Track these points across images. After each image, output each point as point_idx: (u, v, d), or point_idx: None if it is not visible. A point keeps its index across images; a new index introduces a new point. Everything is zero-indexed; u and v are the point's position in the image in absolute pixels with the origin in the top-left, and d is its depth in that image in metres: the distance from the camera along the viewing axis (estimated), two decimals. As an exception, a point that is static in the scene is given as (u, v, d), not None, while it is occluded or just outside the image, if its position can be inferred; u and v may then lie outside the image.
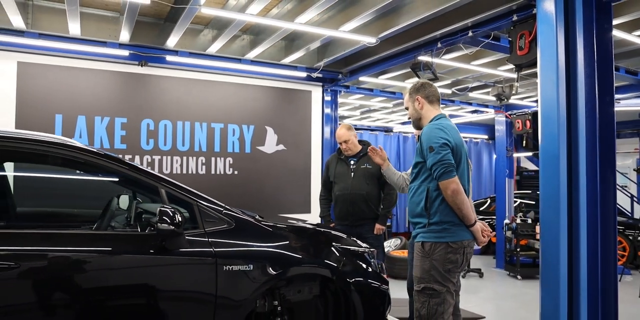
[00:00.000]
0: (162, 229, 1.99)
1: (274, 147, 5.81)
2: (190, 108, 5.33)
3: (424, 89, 2.47)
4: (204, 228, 2.25)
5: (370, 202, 3.79)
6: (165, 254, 2.12)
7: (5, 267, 1.80)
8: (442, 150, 2.23)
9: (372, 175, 3.80)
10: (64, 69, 4.75)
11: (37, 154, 2.10)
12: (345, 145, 3.87)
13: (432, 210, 2.28)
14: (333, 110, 6.28)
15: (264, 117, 5.75)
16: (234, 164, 5.55)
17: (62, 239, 2.03)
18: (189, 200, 2.28)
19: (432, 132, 2.31)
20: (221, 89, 5.51)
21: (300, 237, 2.67)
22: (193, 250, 2.18)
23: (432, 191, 2.28)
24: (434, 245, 2.26)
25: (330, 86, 6.09)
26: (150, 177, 2.25)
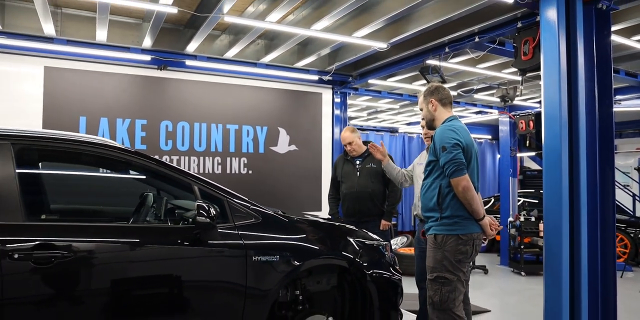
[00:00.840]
0: (200, 221, 2.17)
1: (287, 147, 5.99)
2: (206, 110, 5.52)
3: (437, 92, 2.63)
4: (233, 222, 2.42)
5: (376, 199, 3.96)
6: (200, 245, 2.29)
7: (59, 256, 1.98)
8: (454, 149, 2.39)
9: (376, 173, 3.96)
10: (87, 73, 4.95)
11: (85, 154, 2.29)
12: (349, 146, 4.05)
13: (444, 205, 2.43)
14: (342, 112, 6.46)
15: (277, 118, 5.94)
16: (248, 164, 5.74)
17: (108, 231, 2.22)
18: (219, 196, 2.46)
19: (445, 133, 2.46)
20: (236, 92, 5.70)
21: (319, 230, 2.84)
22: (225, 242, 2.35)
23: (444, 188, 2.44)
24: (446, 237, 2.41)
25: (340, 88, 6.27)
26: (185, 175, 2.44)
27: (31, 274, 1.93)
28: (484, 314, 4.48)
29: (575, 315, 2.79)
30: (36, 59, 4.70)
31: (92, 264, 2.07)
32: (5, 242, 1.92)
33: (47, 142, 2.22)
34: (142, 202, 2.90)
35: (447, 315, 2.38)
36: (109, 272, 2.10)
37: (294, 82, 5.95)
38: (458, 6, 3.54)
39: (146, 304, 2.19)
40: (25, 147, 2.19)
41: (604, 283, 2.88)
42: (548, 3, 2.92)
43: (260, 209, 2.59)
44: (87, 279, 2.06)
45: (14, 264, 1.90)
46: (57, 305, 1.99)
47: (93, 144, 2.31)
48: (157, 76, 5.26)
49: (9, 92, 4.61)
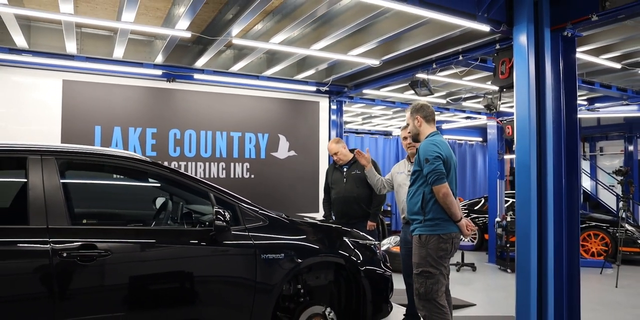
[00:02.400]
0: (218, 225, 2.50)
1: (286, 153, 6.32)
2: (212, 119, 5.83)
3: (422, 110, 2.95)
4: (244, 224, 2.74)
5: (362, 202, 4.23)
6: (216, 245, 2.61)
7: (100, 255, 2.32)
8: (435, 161, 2.71)
9: (361, 179, 4.20)
10: (102, 86, 5.25)
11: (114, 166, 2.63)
12: (336, 156, 4.33)
13: (427, 209, 2.76)
14: (338, 118, 6.78)
15: (277, 126, 6.26)
16: (250, 169, 6.06)
17: (138, 233, 2.55)
18: (232, 202, 2.77)
19: (428, 147, 2.79)
20: (239, 102, 6.02)
21: (318, 231, 3.14)
22: (237, 243, 2.67)
23: (427, 194, 2.77)
24: (429, 237, 2.75)
25: (336, 97, 6.60)
26: (202, 184, 2.76)
27: (77, 270, 2.26)
28: (469, 307, 4.73)
29: (543, 305, 3.15)
30: (55, 72, 5.00)
31: (127, 261, 2.39)
32: (56, 242, 2.25)
33: (84, 156, 2.55)
34: (161, 207, 3.23)
35: (432, 304, 2.72)
36: (140, 268, 2.42)
37: (293, 92, 6.27)
38: (442, 31, 3.89)
39: (170, 295, 2.50)
40: (66, 161, 2.52)
41: (569, 276, 3.22)
42: (520, 31, 3.28)
43: (267, 213, 2.90)
44: (123, 274, 2.38)
45: (63, 262, 2.24)
46: (96, 297, 2.32)
47: (124, 157, 2.63)
48: (166, 88, 5.57)
49: (30, 103, 4.92)
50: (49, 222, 2.27)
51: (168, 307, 2.48)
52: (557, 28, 3.28)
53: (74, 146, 2.67)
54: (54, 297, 2.21)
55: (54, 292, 2.21)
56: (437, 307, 2.70)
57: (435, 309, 2.69)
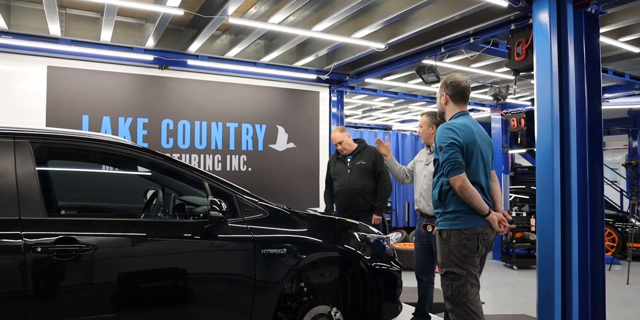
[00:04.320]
0: (213, 216, 2.26)
1: (285, 145, 6.08)
2: (207, 109, 5.59)
3: (452, 87, 2.66)
4: (242, 217, 2.52)
5: (367, 194, 4.11)
6: (211, 239, 2.38)
7: (80, 249, 2.06)
8: (449, 149, 2.46)
9: (366, 170, 4.11)
10: (89, 73, 4.99)
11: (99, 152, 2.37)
12: (340, 146, 4.20)
13: (447, 201, 2.52)
14: (339, 110, 6.56)
15: (276, 116, 6.02)
16: (247, 161, 5.83)
17: (124, 226, 2.31)
18: (229, 192, 2.54)
19: (442, 132, 2.55)
20: (236, 91, 5.77)
21: (322, 224, 2.95)
22: (235, 236, 2.45)
23: (445, 185, 2.52)
24: (449, 232, 2.50)
25: (336, 87, 6.37)
26: (196, 172, 2.52)
27: (53, 266, 2.01)
28: (478, 305, 4.61)
29: (567, 304, 2.93)
30: (39, 58, 4.73)
31: (111, 257, 2.16)
32: (29, 236, 1.99)
33: (64, 140, 2.29)
34: (151, 198, 2.99)
35: (461, 309, 2.43)
36: (127, 264, 2.19)
37: (292, 81, 6.04)
38: (454, 9, 3.65)
39: (161, 294, 2.28)
40: (43, 146, 2.26)
41: (594, 274, 3.01)
42: (540, 7, 3.04)
43: (267, 204, 2.69)
44: (106, 271, 2.14)
45: (37, 258, 1.98)
46: (77, 296, 2.07)
47: (109, 142, 2.39)
48: (158, 75, 5.31)
49: (12, 91, 4.65)
50: (21, 213, 2.03)
51: (158, 308, 2.26)
52: (580, 4, 3.05)
53: (53, 129, 2.41)
54: (27, 298, 1.96)
55: (27, 293, 1.96)
56: (467, 313, 2.42)
57: (465, 315, 2.41)
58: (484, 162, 2.59)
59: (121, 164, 2.88)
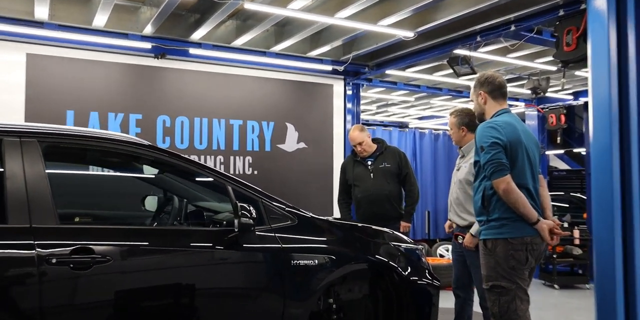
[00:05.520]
0: (244, 223, 2.34)
1: (295, 145, 6.18)
2: (208, 103, 5.67)
3: (487, 83, 2.77)
4: (269, 224, 2.60)
5: (394, 200, 4.24)
6: (237, 248, 2.46)
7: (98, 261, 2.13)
8: (491, 149, 2.54)
9: (391, 173, 4.23)
10: (75, 62, 5.01)
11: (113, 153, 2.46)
12: (360, 147, 4.29)
13: (491, 207, 2.60)
14: (355, 105, 6.66)
15: (285, 113, 6.12)
16: (253, 163, 5.91)
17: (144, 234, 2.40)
18: (254, 197, 2.63)
19: (484, 131, 2.62)
20: (240, 83, 5.86)
21: (354, 233, 3.03)
22: (262, 246, 2.53)
23: (488, 189, 2.60)
24: (495, 242, 2.57)
25: (352, 80, 6.47)
26: (218, 175, 2.61)
27: (70, 280, 2.08)
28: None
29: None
30: (17, 44, 4.69)
31: (131, 270, 2.23)
32: (42, 246, 2.06)
33: (75, 139, 2.36)
34: (163, 204, 3.07)
35: None
36: (147, 277, 2.26)
37: (303, 72, 6.13)
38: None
39: (186, 311, 2.34)
40: (52, 145, 2.33)
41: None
42: (597, -9, 3.11)
43: (295, 210, 2.78)
44: (127, 285, 2.21)
45: (52, 270, 2.05)
46: (97, 313, 2.14)
47: (125, 142, 2.47)
48: (153, 66, 5.38)
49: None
50: (32, 221, 2.09)
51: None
52: (641, -13, 3.12)
53: (62, 127, 2.50)
54: (43, 316, 2.02)
55: (43, 309, 2.02)
56: None
57: None
58: (531, 163, 2.66)
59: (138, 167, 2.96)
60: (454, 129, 3.52)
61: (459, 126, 3.49)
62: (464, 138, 3.49)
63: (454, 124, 3.52)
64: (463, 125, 3.47)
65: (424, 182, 9.65)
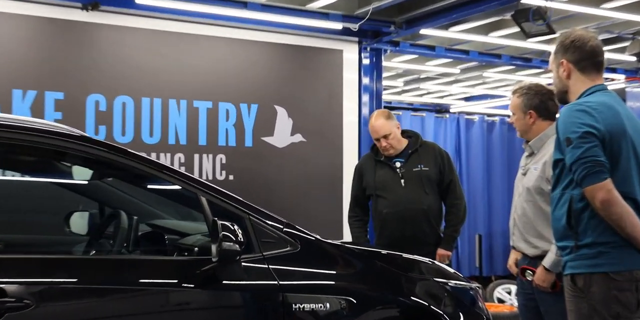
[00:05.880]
0: (226, 249, 2.37)
1: (288, 137, 6.22)
2: (161, 77, 5.71)
3: (574, 48, 2.75)
4: (261, 251, 2.63)
5: (434, 219, 4.29)
6: (215, 286, 2.50)
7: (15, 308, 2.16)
8: (583, 142, 2.52)
9: (430, 180, 4.26)
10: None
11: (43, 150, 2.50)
12: (385, 142, 4.30)
13: (581, 228, 2.59)
14: (375, 80, 6.74)
15: (273, 91, 6.16)
16: (227, 165, 5.95)
17: (79, 266, 2.42)
18: (239, 213, 2.66)
19: (571, 116, 2.62)
20: (209, 48, 5.91)
21: (377, 264, 3.09)
22: (252, 283, 2.58)
23: (577, 201, 2.59)
24: (589, 278, 2.56)
25: (371, 43, 6.51)
26: (189, 181, 2.64)
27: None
28: None
29: None
30: None
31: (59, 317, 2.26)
32: None
33: None
34: (103, 223, 3.12)
35: None
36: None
37: (301, 32, 6.19)
38: None
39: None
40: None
41: None
42: None
43: (297, 232, 2.83)
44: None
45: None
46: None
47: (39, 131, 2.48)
48: (81, 21, 5.41)
49: None
50: None
51: None
52: None
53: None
54: None
55: None
56: None
57: None
58: (639, 162, 2.68)
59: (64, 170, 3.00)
60: (517, 113, 3.51)
61: (525, 110, 3.47)
62: (532, 127, 3.47)
63: (517, 107, 3.51)
64: (532, 109, 3.45)
65: (473, 193, 9.66)
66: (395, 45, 6.76)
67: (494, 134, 9.92)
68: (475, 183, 9.65)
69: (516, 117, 3.52)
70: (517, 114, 3.51)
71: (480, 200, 9.71)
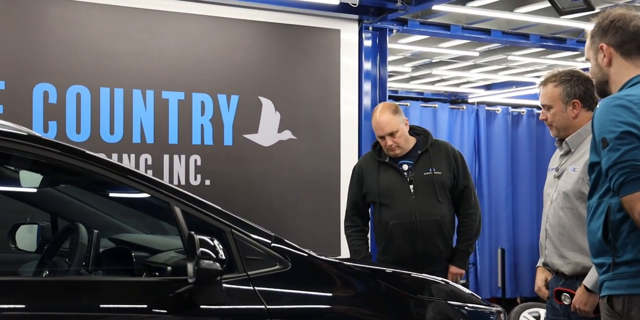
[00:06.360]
0: (205, 269, 2.43)
1: (275, 134, 6.28)
2: (124, 63, 5.76)
3: (615, 29, 2.78)
4: (245, 270, 2.70)
5: (447, 232, 4.39)
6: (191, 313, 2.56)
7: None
8: (622, 144, 2.55)
9: (442, 185, 4.36)
10: None
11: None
12: (391, 140, 4.37)
13: (619, 242, 2.65)
14: (378, 66, 6.79)
15: (257, 79, 6.22)
16: (203, 167, 6.01)
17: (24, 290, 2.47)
18: (219, 225, 2.73)
19: (608, 113, 2.65)
20: (181, 28, 5.95)
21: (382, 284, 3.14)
22: (235, 308, 2.64)
23: (616, 211, 2.65)
24: (628, 300, 2.62)
25: (374, 22, 6.58)
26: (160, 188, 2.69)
27: None
28: None
29: None
30: None
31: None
32: None
33: None
34: (58, 238, 3.18)
35: None
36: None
37: (287, 8, 6.24)
38: None
39: None
40: None
41: None
42: None
43: (287, 247, 2.90)
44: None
45: None
46: None
47: None
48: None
49: None
50: None
51: None
52: None
53: None
54: None
55: None
56: None
57: None
58: None
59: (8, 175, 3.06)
60: (557, 105, 3.52)
61: (567, 100, 3.50)
62: (574, 122, 3.51)
63: (557, 98, 3.53)
64: (576, 98, 3.51)
65: (495, 199, 9.70)
66: (402, 23, 6.82)
67: (520, 129, 9.99)
68: (497, 188, 9.70)
69: (554, 110, 3.55)
70: (556, 106, 3.54)
71: (503, 208, 9.75)
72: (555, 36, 7.80)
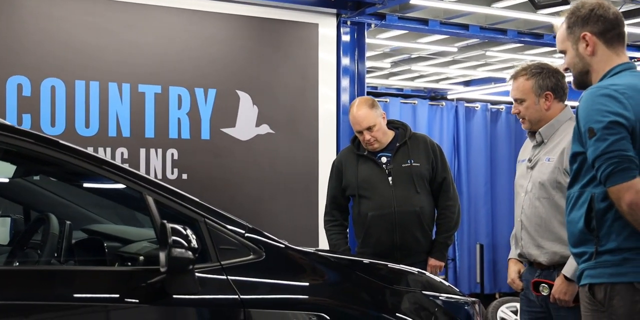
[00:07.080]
0: (177, 257, 2.41)
1: (253, 129, 6.27)
2: (99, 56, 5.72)
3: (597, 17, 2.76)
4: (218, 260, 2.69)
5: (427, 224, 4.42)
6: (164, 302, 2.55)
7: None
8: (608, 134, 2.54)
9: (421, 177, 4.39)
10: None
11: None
12: (369, 134, 4.39)
13: (603, 231, 2.64)
14: (357, 61, 6.80)
15: (234, 73, 6.21)
16: (180, 161, 6.00)
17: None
18: (193, 215, 2.72)
19: (594, 102, 2.63)
20: (158, 21, 5.94)
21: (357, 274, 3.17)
22: (208, 298, 2.63)
23: (600, 201, 2.65)
24: (610, 288, 2.62)
25: (352, 16, 6.57)
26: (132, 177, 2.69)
27: None
28: None
29: None
30: None
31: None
32: None
33: None
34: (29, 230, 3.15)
35: None
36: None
37: (265, 2, 6.23)
38: None
39: None
40: None
41: None
42: None
43: (261, 237, 2.91)
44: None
45: None
46: None
47: None
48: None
49: None
50: None
51: None
52: None
53: None
54: None
55: None
56: None
57: None
58: None
59: None
60: (529, 99, 3.55)
61: (540, 92, 3.53)
62: (547, 113, 3.55)
63: (529, 91, 3.55)
64: (548, 90, 3.53)
65: (474, 195, 9.75)
66: (381, 18, 6.83)
67: (498, 126, 10.04)
68: (476, 184, 9.75)
69: (527, 103, 3.57)
70: (529, 99, 3.56)
71: (482, 204, 9.80)
72: (533, 32, 7.84)
